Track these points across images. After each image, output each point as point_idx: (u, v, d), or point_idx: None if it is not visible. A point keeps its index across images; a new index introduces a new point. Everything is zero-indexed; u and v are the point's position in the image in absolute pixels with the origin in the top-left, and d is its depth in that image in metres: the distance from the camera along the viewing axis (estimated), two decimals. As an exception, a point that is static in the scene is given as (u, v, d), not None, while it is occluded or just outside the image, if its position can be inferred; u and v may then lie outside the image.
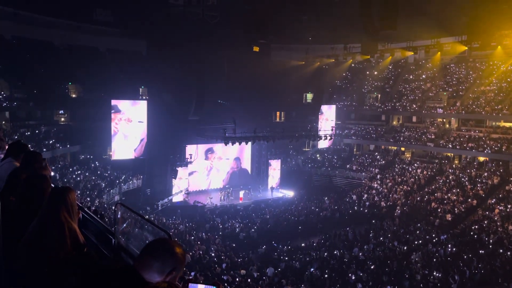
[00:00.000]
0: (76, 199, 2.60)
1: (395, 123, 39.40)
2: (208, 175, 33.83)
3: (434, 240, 21.89)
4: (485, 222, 23.68)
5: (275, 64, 39.49)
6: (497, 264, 18.64)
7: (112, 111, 28.50)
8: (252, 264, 18.39)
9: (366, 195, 30.94)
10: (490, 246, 21.01)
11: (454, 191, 28.24)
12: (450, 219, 25.15)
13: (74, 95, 32.29)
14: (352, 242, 21.76)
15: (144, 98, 33.37)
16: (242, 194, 31.50)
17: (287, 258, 19.59)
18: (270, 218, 26.02)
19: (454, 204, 26.78)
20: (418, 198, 28.49)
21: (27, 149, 3.86)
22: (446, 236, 22.46)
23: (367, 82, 43.37)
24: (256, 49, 34.50)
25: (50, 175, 3.49)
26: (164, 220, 24.25)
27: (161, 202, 28.01)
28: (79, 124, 30.51)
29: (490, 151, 30.04)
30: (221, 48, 30.94)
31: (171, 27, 32.07)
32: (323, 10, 31.83)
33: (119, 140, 29.13)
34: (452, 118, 35.25)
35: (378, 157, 37.18)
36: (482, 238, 22.02)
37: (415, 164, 34.07)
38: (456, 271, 17.37)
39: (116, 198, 27.27)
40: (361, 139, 38.99)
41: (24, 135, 25.13)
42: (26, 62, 28.97)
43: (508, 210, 24.34)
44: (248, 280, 15.69)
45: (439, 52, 38.00)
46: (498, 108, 31.85)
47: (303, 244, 21.89)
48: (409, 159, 35.77)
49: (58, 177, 23.83)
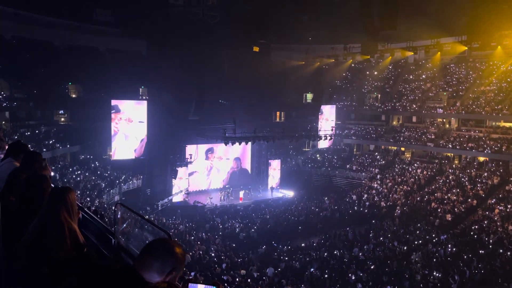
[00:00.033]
0: (76, 199, 2.61)
1: (395, 123, 39.39)
2: (208, 175, 33.83)
3: (434, 240, 21.88)
4: (485, 222, 23.68)
5: (275, 64, 39.51)
6: (497, 264, 18.64)
7: (112, 111, 28.50)
8: (252, 264, 18.38)
9: (366, 195, 30.93)
10: (490, 246, 21.01)
11: (454, 191, 28.23)
12: (450, 219, 25.15)
13: (74, 95, 32.28)
14: (352, 242, 21.75)
15: (144, 98, 33.40)
16: (242, 194, 31.49)
17: (287, 258, 19.59)
18: (270, 218, 26.02)
19: (454, 204, 26.78)
20: (418, 198, 28.49)
21: (27, 149, 3.86)
22: (446, 236, 22.45)
23: (367, 82, 43.35)
24: (256, 49, 34.52)
25: (50, 175, 3.49)
26: (164, 220, 24.24)
27: (161, 202, 28.01)
28: (79, 124, 30.50)
29: (490, 151, 30.04)
30: (221, 48, 30.94)
31: (171, 27, 32.08)
32: (323, 10, 31.85)
33: (120, 140, 29.14)
34: (452, 118, 35.25)
35: (378, 157, 37.17)
36: (482, 238, 22.02)
37: (415, 164, 34.06)
38: (456, 271, 17.37)
39: (116, 198, 27.27)
40: (361, 139, 38.98)
41: (24, 135, 25.11)
42: (26, 62, 28.97)
43: (508, 210, 24.34)
44: (248, 280, 15.69)
45: (439, 52, 38.00)
46: (498, 108, 31.85)
47: (303, 244, 21.88)
48: (409, 159, 35.77)
49: (58, 177, 23.82)
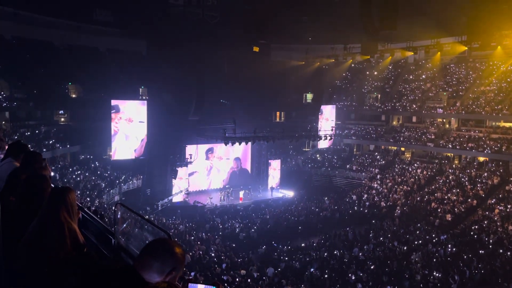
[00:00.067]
0: (76, 199, 2.61)
1: (395, 123, 39.39)
2: (208, 175, 33.83)
3: (434, 240, 21.88)
4: (485, 222, 23.68)
5: (275, 64, 39.52)
6: (497, 264, 18.65)
7: (112, 111, 28.49)
8: (252, 264, 18.38)
9: (366, 195, 30.93)
10: (490, 246, 21.02)
11: (454, 191, 28.23)
12: (450, 219, 25.15)
13: (74, 95, 32.26)
14: (352, 242, 21.75)
15: (144, 98, 33.39)
16: (242, 194, 31.48)
17: (287, 258, 19.59)
18: (270, 218, 26.02)
19: (454, 204, 26.78)
20: (418, 198, 28.49)
21: (27, 149, 3.86)
22: (446, 236, 22.46)
23: (367, 82, 43.35)
24: (256, 49, 34.55)
25: (50, 175, 3.49)
26: (164, 220, 24.24)
27: (161, 202, 28.00)
28: (79, 124, 30.48)
29: (490, 151, 30.04)
30: (221, 48, 30.93)
31: (171, 27, 32.06)
32: (323, 10, 31.86)
33: (120, 140, 29.12)
34: (452, 118, 35.25)
35: (378, 157, 37.17)
36: (482, 238, 22.02)
37: (415, 164, 34.06)
38: (456, 271, 17.38)
39: (116, 198, 27.27)
40: (361, 139, 38.97)
41: (24, 135, 25.09)
42: (26, 62, 28.96)
43: (508, 210, 24.34)
44: (248, 280, 15.68)
45: (439, 52, 38.01)
46: (498, 108, 31.85)
47: (303, 244, 21.89)
48: (409, 159, 35.77)
49: (58, 177, 23.81)
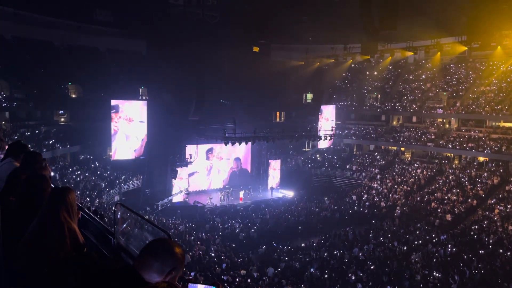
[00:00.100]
0: (76, 199, 2.61)
1: (395, 123, 39.39)
2: (208, 175, 33.83)
3: (434, 240, 21.88)
4: (485, 222, 23.68)
5: (275, 64, 39.54)
6: (497, 264, 18.66)
7: (113, 111, 28.48)
8: (252, 264, 18.37)
9: (366, 195, 30.93)
10: (490, 246, 21.02)
11: (454, 191, 28.23)
12: (450, 219, 25.15)
13: (74, 95, 32.27)
14: (352, 242, 21.75)
15: (144, 98, 33.39)
16: (242, 194, 31.48)
17: (287, 258, 19.59)
18: (270, 218, 26.02)
19: (454, 204, 26.78)
20: (418, 198, 28.49)
21: (27, 149, 3.86)
22: (446, 236, 22.45)
23: (367, 82, 43.35)
24: (256, 49, 34.56)
25: (50, 175, 3.49)
26: (164, 220, 24.23)
27: (161, 202, 28.00)
28: (79, 124, 30.48)
29: (490, 151, 30.04)
30: (221, 48, 30.94)
31: (171, 27, 32.08)
32: (323, 10, 31.86)
33: (121, 140, 29.10)
34: (452, 118, 35.26)
35: (378, 157, 37.17)
36: (482, 238, 22.02)
37: (415, 164, 34.06)
38: (456, 271, 17.38)
39: (116, 198, 27.27)
40: (361, 139, 38.98)
41: (24, 135, 25.08)
42: (26, 62, 28.96)
43: (508, 210, 24.35)
44: (248, 280, 15.68)
45: (439, 52, 38.03)
46: (498, 108, 31.85)
47: (303, 244, 21.88)
48: (409, 159, 35.76)
49: (58, 177, 23.82)
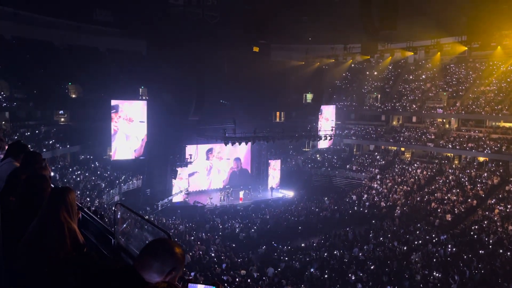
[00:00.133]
0: (76, 199, 2.61)
1: (395, 123, 39.39)
2: (208, 175, 33.82)
3: (434, 240, 21.88)
4: (485, 222, 23.68)
5: (275, 64, 39.53)
6: (497, 264, 18.65)
7: (113, 111, 28.48)
8: (252, 264, 18.37)
9: (366, 195, 30.93)
10: (490, 246, 21.02)
11: (454, 191, 28.23)
12: (450, 219, 25.15)
13: (74, 95, 32.27)
14: (352, 242, 21.75)
15: (144, 98, 33.39)
16: (242, 194, 31.47)
17: (287, 258, 19.59)
18: (270, 219, 26.02)
19: (454, 204, 26.78)
20: (418, 198, 28.49)
21: (27, 149, 3.85)
22: (446, 236, 22.45)
23: (367, 82, 43.35)
24: (256, 49, 34.55)
25: (50, 175, 3.49)
26: (164, 220, 24.23)
27: (161, 202, 27.99)
28: (79, 124, 30.48)
29: (490, 151, 30.04)
30: (221, 48, 30.94)
31: (171, 27, 32.07)
32: (323, 10, 31.86)
33: (120, 140, 29.09)
34: (452, 118, 35.26)
35: (378, 157, 37.17)
36: (482, 238, 22.02)
37: (415, 164, 34.06)
38: (456, 271, 17.38)
39: (116, 198, 27.27)
40: (361, 139, 38.98)
41: (24, 135, 25.08)
42: (26, 62, 28.96)
43: (508, 210, 24.35)
44: (248, 280, 15.68)
45: (439, 52, 38.03)
46: (498, 108, 31.86)
47: (303, 244, 21.88)
48: (409, 159, 35.76)
49: (58, 177, 23.82)
